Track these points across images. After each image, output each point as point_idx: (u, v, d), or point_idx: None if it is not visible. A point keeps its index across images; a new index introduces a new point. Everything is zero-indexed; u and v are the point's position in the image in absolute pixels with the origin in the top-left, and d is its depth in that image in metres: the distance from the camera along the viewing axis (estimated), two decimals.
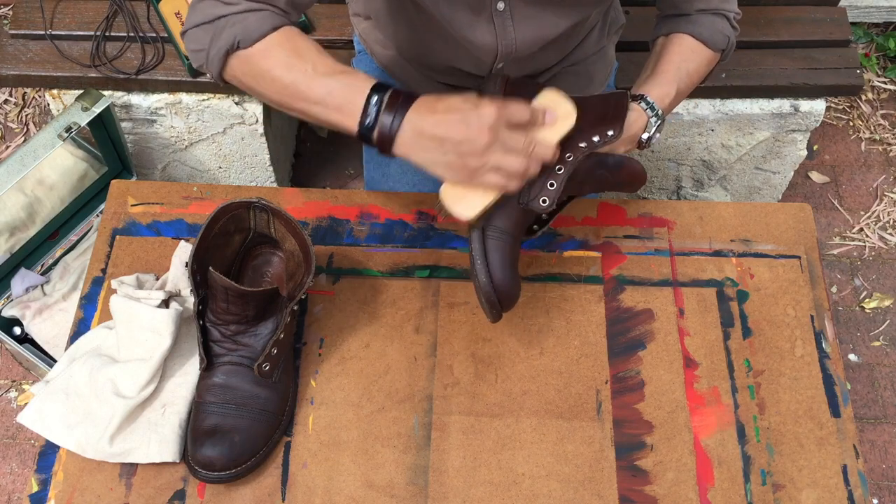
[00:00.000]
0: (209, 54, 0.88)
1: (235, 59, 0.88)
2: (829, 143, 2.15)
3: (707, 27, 1.03)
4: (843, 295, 1.93)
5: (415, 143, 0.83)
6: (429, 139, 0.82)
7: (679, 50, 1.03)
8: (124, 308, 0.98)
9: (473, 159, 0.81)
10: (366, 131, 0.83)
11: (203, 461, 0.91)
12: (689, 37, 1.03)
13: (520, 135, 0.83)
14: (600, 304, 1.06)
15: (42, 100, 2.16)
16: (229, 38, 0.86)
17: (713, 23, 1.03)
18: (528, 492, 0.94)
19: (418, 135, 0.82)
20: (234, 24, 0.86)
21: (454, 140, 0.81)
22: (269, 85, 0.87)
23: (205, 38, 0.88)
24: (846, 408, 0.99)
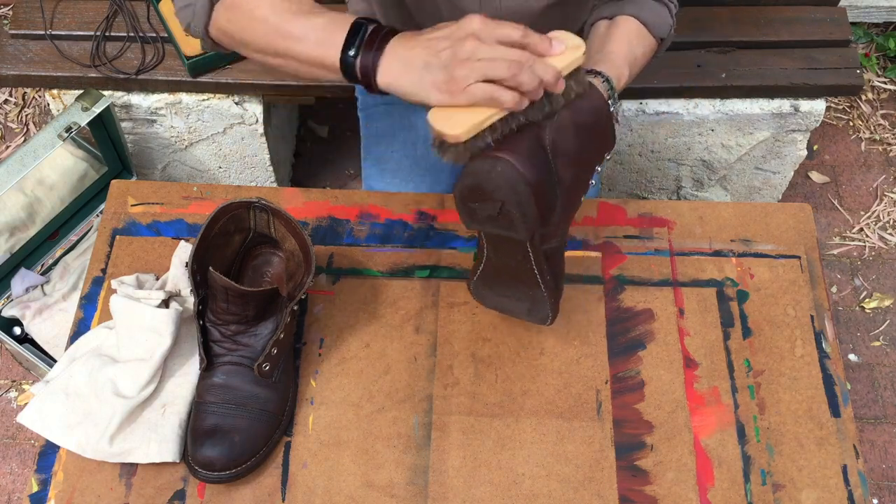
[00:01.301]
0: (195, 8, 0.88)
1: (220, 7, 0.87)
2: (829, 143, 2.15)
3: (651, 12, 0.99)
4: (843, 295, 1.93)
5: (399, 67, 0.78)
6: (414, 60, 0.78)
7: (626, 32, 0.99)
8: (124, 308, 0.98)
9: (459, 69, 0.75)
10: (349, 63, 0.80)
11: (203, 461, 0.91)
12: (635, 20, 0.99)
13: (512, 48, 0.77)
14: (600, 304, 1.06)
15: (42, 100, 2.16)
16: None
17: (657, 9, 1.00)
18: (528, 492, 0.94)
19: (402, 60, 0.78)
20: None
21: (438, 53, 0.77)
22: (254, 26, 0.85)
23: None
24: (846, 408, 0.99)
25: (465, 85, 0.75)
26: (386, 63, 0.79)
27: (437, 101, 0.78)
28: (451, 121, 0.77)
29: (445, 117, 0.78)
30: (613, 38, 0.97)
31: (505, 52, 0.76)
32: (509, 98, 0.76)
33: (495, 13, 1.06)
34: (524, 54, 0.77)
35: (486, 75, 0.75)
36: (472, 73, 0.75)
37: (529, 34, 0.78)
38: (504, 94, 0.76)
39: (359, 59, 0.80)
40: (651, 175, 1.86)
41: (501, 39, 0.77)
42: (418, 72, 0.77)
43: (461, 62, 0.76)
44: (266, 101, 1.66)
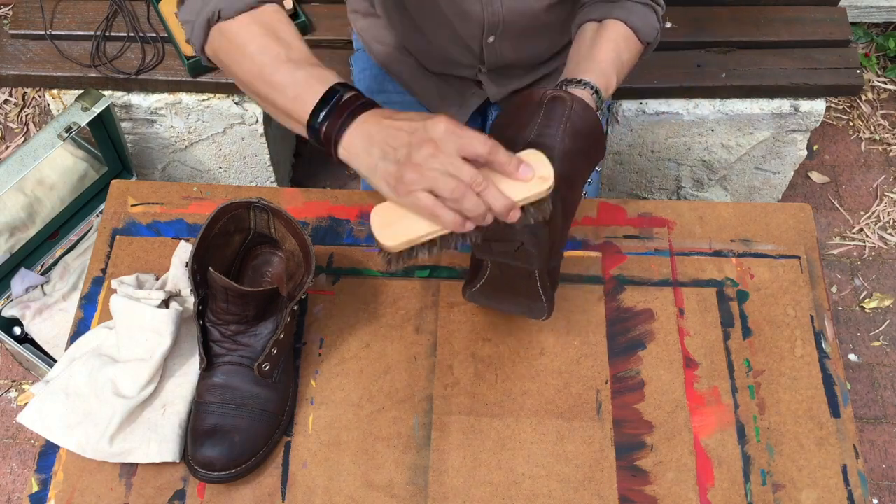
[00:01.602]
0: (194, 25, 0.87)
1: (216, 31, 0.86)
2: (829, 143, 2.15)
3: (640, 17, 0.98)
4: (843, 295, 1.93)
5: (360, 147, 0.76)
6: (373, 144, 0.75)
7: (615, 37, 0.97)
8: (124, 308, 0.98)
9: (409, 172, 0.72)
10: (315, 125, 0.79)
11: (203, 461, 0.91)
12: (623, 24, 0.97)
13: (472, 167, 0.72)
14: (600, 304, 1.06)
15: (42, 100, 2.16)
16: (212, 8, 0.85)
17: (645, 14, 0.99)
18: (528, 492, 0.94)
19: (364, 138, 0.76)
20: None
21: (395, 146, 0.74)
22: (241, 62, 0.85)
23: (194, 9, 0.87)
24: (846, 408, 0.99)
25: (411, 189, 0.73)
26: (349, 138, 0.77)
27: (385, 194, 0.76)
28: (390, 228, 0.76)
29: (386, 222, 0.76)
30: (601, 44, 0.96)
31: (458, 170, 0.72)
32: (449, 219, 0.73)
33: (496, 13, 1.06)
34: (476, 177, 0.72)
35: (431, 188, 0.72)
36: (419, 181, 0.72)
37: (497, 151, 0.74)
38: (445, 214, 0.73)
39: (324, 126, 0.78)
40: (651, 175, 1.86)
41: (464, 151, 0.73)
42: (375, 159, 0.75)
43: (413, 165, 0.73)
44: None
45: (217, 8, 0.85)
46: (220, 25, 0.86)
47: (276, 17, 0.85)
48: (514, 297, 0.91)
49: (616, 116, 1.68)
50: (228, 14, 0.84)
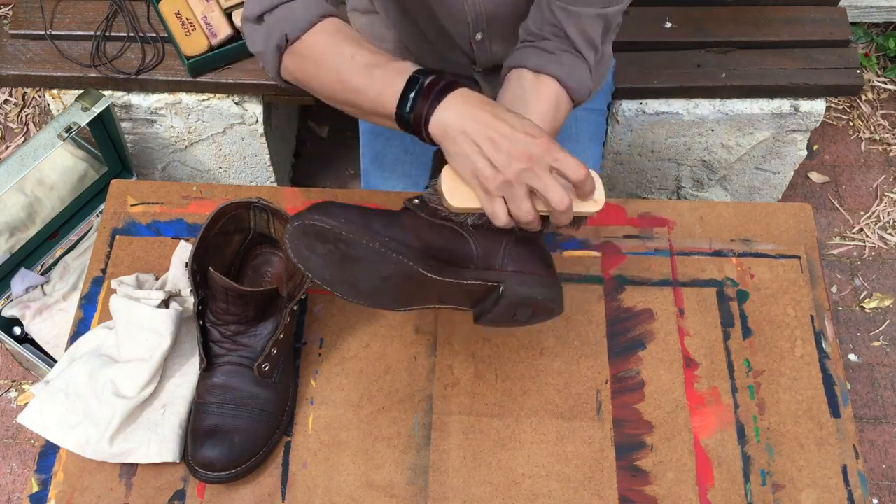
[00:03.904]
0: (265, 55, 0.91)
1: (288, 54, 0.90)
2: (829, 143, 2.15)
3: (575, 75, 0.94)
4: (843, 295, 1.93)
5: (454, 129, 0.79)
6: (468, 133, 0.78)
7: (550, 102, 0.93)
8: (124, 308, 0.98)
9: (496, 178, 0.77)
10: (404, 115, 0.81)
11: (203, 461, 0.91)
12: (558, 84, 0.93)
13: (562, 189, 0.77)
14: (600, 304, 1.06)
15: (42, 100, 2.16)
16: (279, 34, 0.88)
17: (581, 71, 0.95)
18: (528, 492, 0.94)
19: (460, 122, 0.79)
20: (283, 18, 0.88)
21: (493, 148, 0.77)
22: (321, 75, 0.88)
23: (261, 39, 0.90)
24: (846, 408, 0.99)
25: (490, 192, 0.78)
26: (440, 117, 0.79)
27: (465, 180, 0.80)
28: (458, 191, 0.81)
29: (454, 185, 0.81)
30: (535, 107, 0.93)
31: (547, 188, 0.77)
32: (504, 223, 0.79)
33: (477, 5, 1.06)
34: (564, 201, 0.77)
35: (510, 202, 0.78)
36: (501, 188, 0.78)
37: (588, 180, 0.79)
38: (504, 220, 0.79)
39: (413, 113, 0.81)
40: (651, 175, 1.86)
41: (558, 170, 0.78)
42: (467, 148, 0.78)
43: (503, 175, 0.77)
44: (266, 101, 1.66)
45: (283, 32, 0.88)
46: (292, 48, 0.89)
47: (339, 25, 0.89)
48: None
49: (616, 116, 1.68)
50: (295, 35, 0.88)
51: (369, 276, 0.83)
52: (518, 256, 0.86)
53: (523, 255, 0.87)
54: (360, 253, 0.81)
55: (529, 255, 0.87)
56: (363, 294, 0.85)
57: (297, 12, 0.88)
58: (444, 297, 0.88)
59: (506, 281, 0.85)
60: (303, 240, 0.81)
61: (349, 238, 0.80)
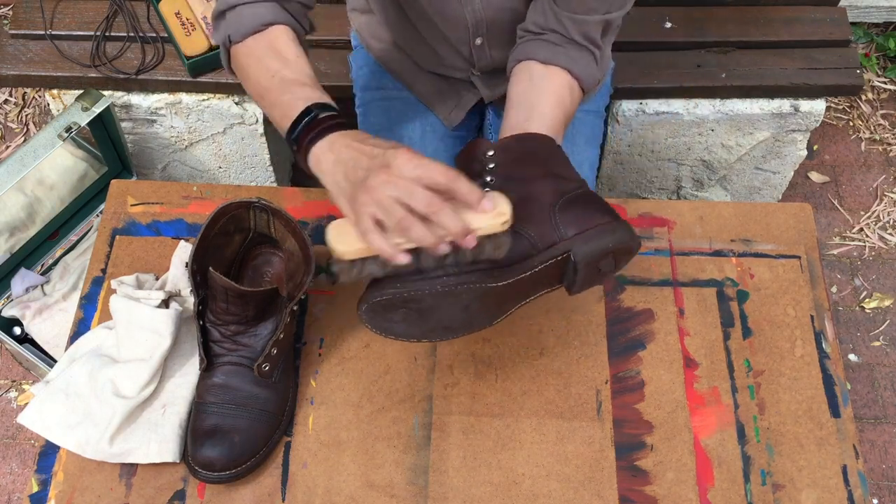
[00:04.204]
0: (220, 49, 0.98)
1: (232, 52, 0.96)
2: (829, 143, 2.15)
3: (582, 66, 0.96)
4: (843, 295, 1.93)
5: (328, 161, 0.80)
6: (339, 163, 0.79)
7: (559, 91, 0.95)
8: (124, 308, 0.98)
9: (362, 193, 0.75)
10: (291, 138, 0.85)
11: (203, 461, 0.91)
12: (567, 74, 0.95)
13: (427, 192, 0.73)
14: (600, 304, 1.06)
15: (42, 100, 2.16)
16: (224, 33, 0.94)
17: (587, 62, 0.97)
18: (528, 492, 0.94)
19: (332, 155, 0.80)
20: (235, 19, 0.93)
21: (355, 168, 0.77)
22: (247, 81, 0.94)
23: (217, 32, 0.96)
24: (846, 408, 0.99)
25: (361, 210, 0.75)
26: (318, 152, 0.82)
27: (341, 211, 0.79)
28: (344, 237, 0.79)
29: (341, 232, 0.80)
30: (546, 97, 0.94)
31: (410, 196, 0.73)
32: (382, 247, 0.75)
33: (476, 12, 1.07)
34: (432, 200, 0.73)
35: (378, 213, 0.74)
36: (368, 205, 0.74)
37: (458, 181, 0.75)
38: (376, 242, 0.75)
39: (297, 139, 0.84)
40: (651, 175, 1.86)
41: (423, 181, 0.74)
42: (338, 177, 0.79)
43: (366, 189, 0.75)
44: None
45: (226, 33, 0.94)
46: (233, 49, 0.94)
47: (280, 38, 0.92)
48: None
49: (616, 116, 1.68)
50: (237, 38, 0.93)
51: (451, 314, 0.85)
52: (573, 219, 0.86)
53: (576, 214, 0.86)
54: (431, 302, 0.82)
55: (584, 212, 0.86)
56: (457, 329, 0.88)
57: (246, 18, 0.92)
58: (528, 290, 0.88)
59: (572, 246, 0.85)
60: (378, 318, 0.84)
61: (413, 296, 0.81)
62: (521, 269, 0.84)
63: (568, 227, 0.85)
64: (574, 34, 0.95)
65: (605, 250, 0.86)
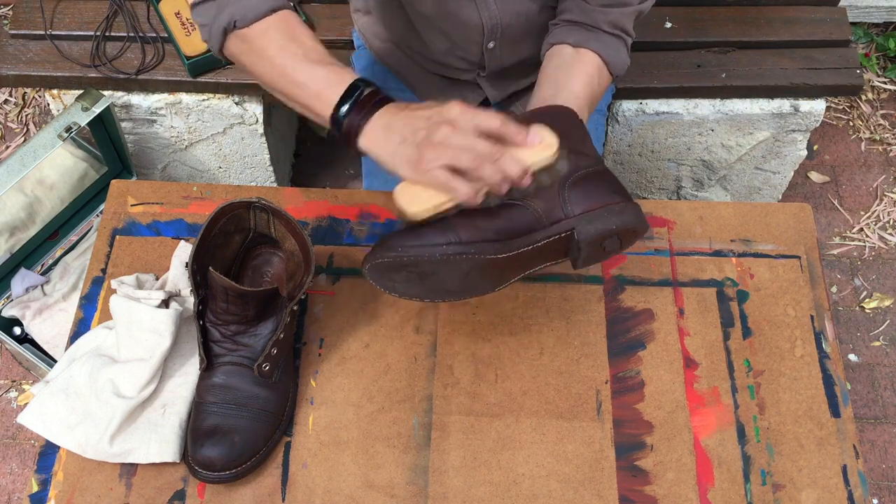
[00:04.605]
0: (211, 30, 0.92)
1: (233, 37, 0.92)
2: (829, 143, 2.15)
3: (613, 50, 1.01)
4: (843, 295, 1.93)
5: (380, 136, 0.83)
6: (393, 132, 0.82)
7: (589, 70, 0.99)
8: (124, 308, 0.98)
9: (428, 151, 0.79)
10: (338, 121, 0.85)
11: (203, 461, 0.91)
12: (597, 56, 1.00)
13: (487, 140, 0.80)
14: (600, 304, 1.06)
15: (42, 100, 2.16)
16: (227, 17, 0.90)
17: (617, 47, 1.01)
18: (528, 492, 0.94)
19: (385, 129, 0.82)
20: (235, 3, 0.89)
21: (414, 131, 0.80)
22: (262, 64, 0.90)
23: (209, 14, 0.92)
24: (846, 408, 0.99)
25: (430, 167, 0.79)
26: (370, 129, 0.83)
27: (405, 176, 0.82)
28: (413, 198, 0.82)
29: (410, 193, 0.83)
30: (577, 75, 0.98)
31: (475, 144, 0.79)
32: (465, 192, 0.79)
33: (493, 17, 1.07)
34: (493, 149, 0.79)
35: (450, 163, 0.79)
36: (438, 158, 0.79)
37: (508, 124, 0.81)
38: (460, 187, 0.79)
39: (347, 119, 0.84)
40: (651, 175, 1.86)
41: (479, 128, 0.80)
42: (395, 145, 0.81)
43: (432, 145, 0.79)
44: (266, 101, 1.66)
45: (232, 18, 0.90)
46: (238, 33, 0.91)
47: (291, 20, 0.91)
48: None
49: (616, 116, 1.68)
50: (244, 24, 0.90)
51: (450, 279, 0.87)
52: (581, 197, 0.87)
53: (585, 192, 0.87)
54: (430, 268, 0.85)
55: (593, 191, 0.87)
56: (455, 293, 0.90)
57: (249, 2, 0.90)
58: (531, 262, 0.90)
59: (576, 225, 0.86)
60: (381, 277, 0.88)
61: (413, 261, 0.84)
62: (524, 243, 0.86)
63: (575, 204, 0.87)
64: (604, 26, 0.99)
65: (609, 231, 0.87)
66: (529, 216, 0.86)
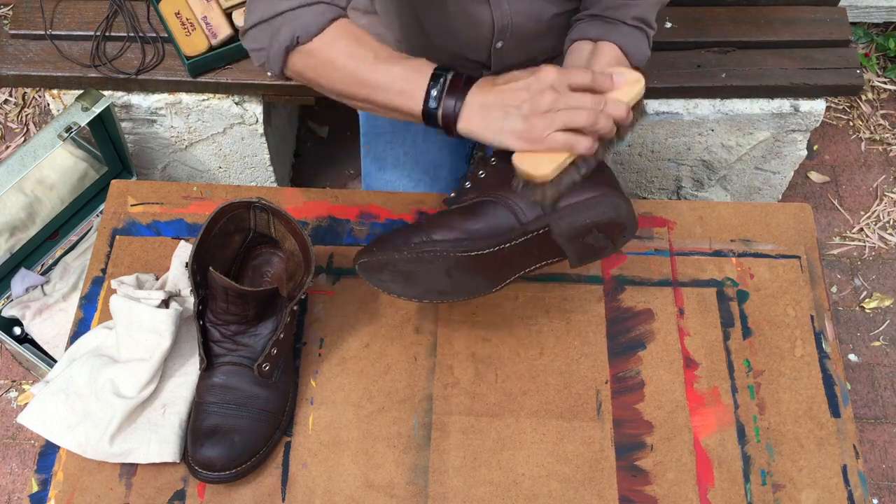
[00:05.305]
0: (269, 52, 0.91)
1: (297, 54, 0.90)
2: (829, 143, 2.15)
3: (635, 42, 1.01)
4: (843, 295, 1.93)
5: (480, 116, 0.84)
6: (493, 109, 0.83)
7: (606, 60, 0.99)
8: (124, 308, 0.98)
9: (539, 120, 0.81)
10: (431, 113, 0.85)
11: (203, 461, 0.91)
12: (616, 48, 1.00)
13: (589, 94, 0.83)
14: (600, 304, 1.06)
15: (42, 100, 2.16)
16: (288, 35, 0.89)
17: (639, 39, 1.02)
18: (528, 492, 0.94)
19: (482, 108, 0.84)
20: (292, 21, 0.89)
21: (517, 105, 0.82)
22: (332, 74, 0.90)
23: (264, 37, 0.91)
24: (846, 408, 0.99)
25: (545, 134, 0.82)
26: (467, 112, 0.84)
27: (518, 148, 0.83)
28: (536, 163, 0.83)
29: (531, 160, 0.84)
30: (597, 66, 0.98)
31: (582, 101, 0.83)
32: (586, 145, 0.83)
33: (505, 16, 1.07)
34: (597, 99, 0.83)
35: (566, 125, 0.82)
36: (552, 124, 0.82)
37: (595, 76, 0.85)
38: (581, 142, 0.83)
39: (440, 108, 0.85)
40: (651, 175, 1.86)
41: (574, 86, 0.84)
42: (499, 121, 0.83)
43: (541, 114, 0.82)
44: (266, 101, 1.66)
45: (294, 35, 0.88)
46: (301, 48, 0.89)
47: (351, 26, 0.91)
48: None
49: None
50: (306, 39, 0.89)
51: (434, 278, 0.88)
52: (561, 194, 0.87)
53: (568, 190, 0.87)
54: (406, 267, 0.86)
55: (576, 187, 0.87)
56: (450, 294, 0.90)
57: (308, 17, 0.89)
58: (521, 262, 0.90)
59: (550, 222, 0.86)
60: (369, 276, 0.90)
61: (386, 261, 0.85)
62: (497, 242, 0.86)
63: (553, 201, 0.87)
64: (627, 19, 1.00)
65: (583, 226, 0.87)
66: (508, 215, 0.86)
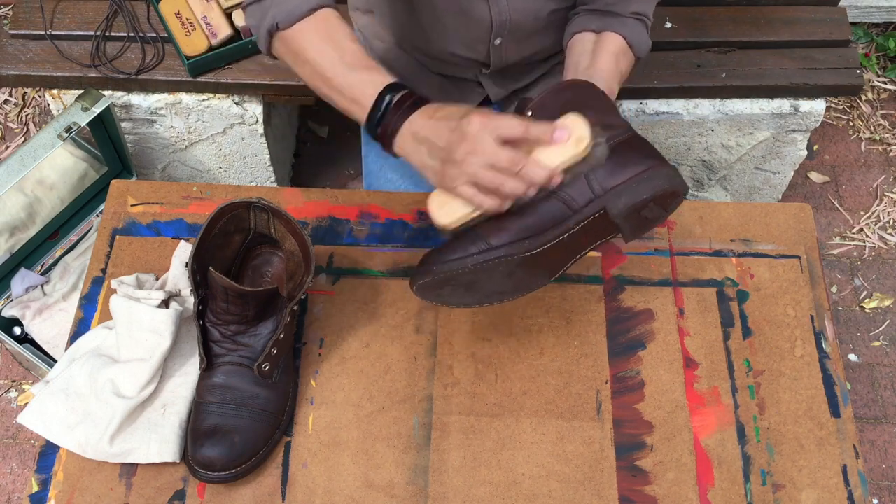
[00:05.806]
0: (259, 32, 0.94)
1: (277, 39, 0.94)
2: (829, 143, 2.15)
3: (636, 32, 1.02)
4: (843, 295, 1.93)
5: (410, 144, 0.85)
6: (421, 142, 0.84)
7: (614, 50, 1.00)
8: (124, 308, 0.98)
9: (451, 168, 0.80)
10: (373, 126, 0.87)
11: (203, 461, 0.91)
12: (621, 38, 1.01)
13: (509, 151, 0.79)
14: (600, 304, 1.06)
15: (42, 100, 2.16)
16: (271, 19, 0.92)
17: (639, 30, 1.03)
18: (528, 492, 0.94)
19: (413, 136, 0.84)
20: (278, 5, 0.91)
21: (437, 145, 0.82)
22: (302, 66, 0.93)
23: (256, 16, 0.94)
24: (846, 408, 0.99)
25: (454, 185, 0.81)
26: (400, 137, 0.85)
27: (434, 185, 0.84)
28: (443, 209, 0.84)
29: (440, 203, 0.84)
30: (602, 56, 1.00)
31: (495, 159, 0.78)
32: (490, 205, 0.80)
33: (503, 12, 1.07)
34: (515, 159, 0.78)
35: (472, 181, 0.80)
36: (460, 176, 0.80)
37: (530, 128, 0.80)
38: (485, 201, 0.80)
39: (379, 128, 0.86)
40: None
41: (501, 137, 0.79)
42: (422, 155, 0.84)
43: (453, 163, 0.80)
44: (266, 101, 1.66)
45: (275, 20, 0.92)
46: (280, 34, 0.93)
47: (331, 20, 0.92)
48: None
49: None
50: (286, 25, 0.91)
51: (496, 283, 0.88)
52: (608, 173, 0.85)
53: (613, 167, 0.85)
54: (469, 278, 0.86)
55: (620, 163, 0.85)
56: (512, 292, 0.91)
57: (291, 4, 0.91)
58: (576, 247, 0.89)
59: (606, 202, 0.85)
60: (430, 295, 0.90)
61: (450, 276, 0.85)
62: (557, 233, 0.85)
63: (603, 181, 0.85)
64: (627, 13, 1.00)
65: (641, 201, 0.85)
66: (559, 205, 0.85)
